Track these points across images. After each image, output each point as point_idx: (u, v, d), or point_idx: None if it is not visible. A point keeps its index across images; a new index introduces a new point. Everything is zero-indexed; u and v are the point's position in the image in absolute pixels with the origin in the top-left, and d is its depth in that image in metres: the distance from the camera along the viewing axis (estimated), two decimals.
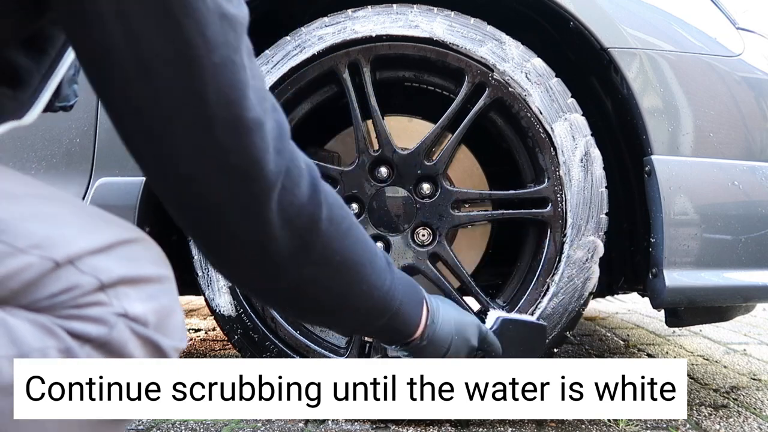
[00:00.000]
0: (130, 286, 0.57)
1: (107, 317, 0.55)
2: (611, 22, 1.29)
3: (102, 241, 0.58)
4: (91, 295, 0.55)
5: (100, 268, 0.56)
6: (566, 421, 1.39)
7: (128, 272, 0.57)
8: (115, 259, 0.57)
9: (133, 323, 0.57)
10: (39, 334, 0.54)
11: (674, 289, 1.24)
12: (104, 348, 0.56)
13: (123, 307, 0.56)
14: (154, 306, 0.58)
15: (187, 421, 1.35)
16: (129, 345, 0.56)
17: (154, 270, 0.61)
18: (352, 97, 1.34)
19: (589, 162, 1.29)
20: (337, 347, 1.40)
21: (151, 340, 0.58)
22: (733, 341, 2.44)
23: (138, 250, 0.61)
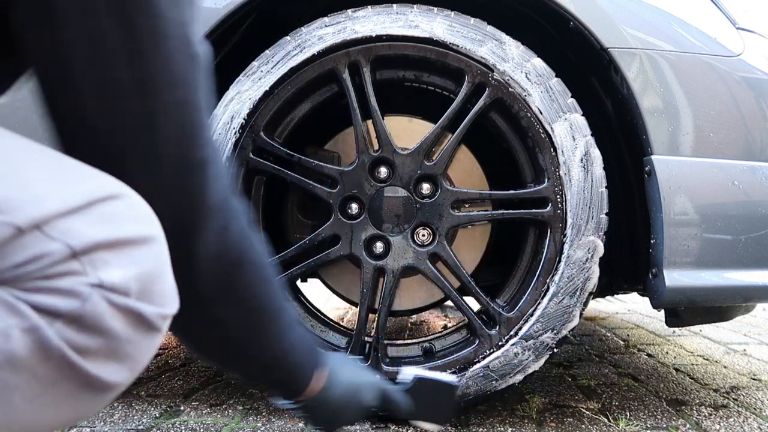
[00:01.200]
0: (108, 251, 0.51)
1: (79, 289, 0.49)
2: (611, 22, 1.29)
3: (75, 199, 0.51)
4: (61, 264, 0.49)
5: (71, 232, 0.49)
6: (566, 420, 1.39)
7: (106, 235, 0.51)
8: (90, 221, 0.51)
9: (111, 293, 0.51)
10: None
11: (674, 289, 1.24)
12: (77, 323, 0.50)
13: (98, 277, 0.50)
14: (137, 271, 0.52)
15: (187, 421, 1.36)
16: (105, 318, 0.51)
17: (138, 230, 0.54)
18: (352, 97, 1.34)
19: (589, 162, 1.29)
20: (336, 347, 1.40)
21: (132, 310, 0.52)
22: (733, 341, 2.44)
23: (119, 207, 0.54)
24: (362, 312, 1.37)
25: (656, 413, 1.45)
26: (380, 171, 1.36)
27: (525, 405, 1.49)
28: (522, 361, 1.31)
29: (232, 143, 1.34)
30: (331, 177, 1.37)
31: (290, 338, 0.80)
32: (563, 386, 1.69)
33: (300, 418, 0.95)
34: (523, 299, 1.33)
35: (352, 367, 0.97)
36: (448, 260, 1.35)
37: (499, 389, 1.32)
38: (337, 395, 0.89)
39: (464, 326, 1.45)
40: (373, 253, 1.37)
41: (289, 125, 1.42)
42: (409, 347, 1.45)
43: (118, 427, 1.32)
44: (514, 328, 1.32)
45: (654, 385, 1.71)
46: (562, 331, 1.31)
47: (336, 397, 0.89)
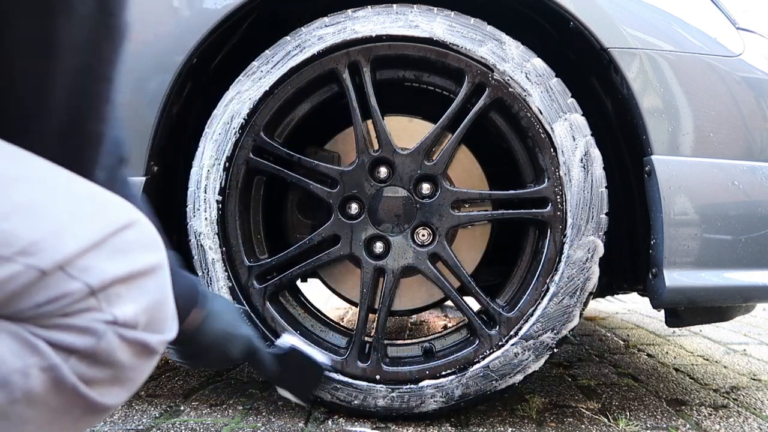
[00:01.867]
0: (122, 285, 0.54)
1: (96, 327, 0.52)
2: (611, 22, 1.29)
3: (93, 234, 0.53)
4: (80, 302, 0.52)
5: (90, 270, 0.52)
6: (566, 420, 1.39)
7: (121, 271, 0.54)
8: (106, 256, 0.54)
9: (123, 329, 0.54)
10: (20, 351, 0.50)
11: (674, 289, 1.24)
12: (90, 358, 0.53)
13: (113, 314, 0.53)
14: (146, 303, 0.56)
15: (187, 421, 1.36)
16: (117, 352, 0.54)
17: (148, 260, 0.57)
18: (352, 97, 1.34)
19: (589, 162, 1.29)
20: (336, 347, 1.40)
21: (139, 342, 0.56)
22: (733, 341, 2.44)
23: (131, 236, 0.56)
24: (362, 312, 1.37)
25: (656, 413, 1.45)
26: (380, 171, 1.36)
27: (525, 405, 1.49)
28: (522, 361, 1.31)
29: (232, 143, 1.34)
30: (331, 177, 1.37)
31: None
32: (563, 386, 1.69)
33: (167, 350, 0.98)
34: (523, 299, 1.33)
35: (231, 317, 1.00)
36: (448, 260, 1.35)
37: (499, 389, 1.32)
38: (207, 338, 0.93)
39: (464, 326, 1.45)
40: (373, 253, 1.37)
41: (289, 125, 1.42)
42: (409, 347, 1.45)
43: (118, 427, 1.32)
44: (514, 328, 1.32)
45: (654, 385, 1.71)
46: (562, 331, 1.31)
47: (206, 339, 0.93)
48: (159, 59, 1.36)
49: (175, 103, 1.38)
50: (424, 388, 1.33)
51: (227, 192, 1.36)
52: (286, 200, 1.53)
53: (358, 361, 1.35)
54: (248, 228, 1.41)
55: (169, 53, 1.36)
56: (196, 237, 1.35)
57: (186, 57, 1.35)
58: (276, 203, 1.55)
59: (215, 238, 1.34)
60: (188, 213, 1.35)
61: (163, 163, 1.41)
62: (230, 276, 1.35)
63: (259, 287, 1.37)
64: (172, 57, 1.35)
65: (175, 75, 1.35)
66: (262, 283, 1.37)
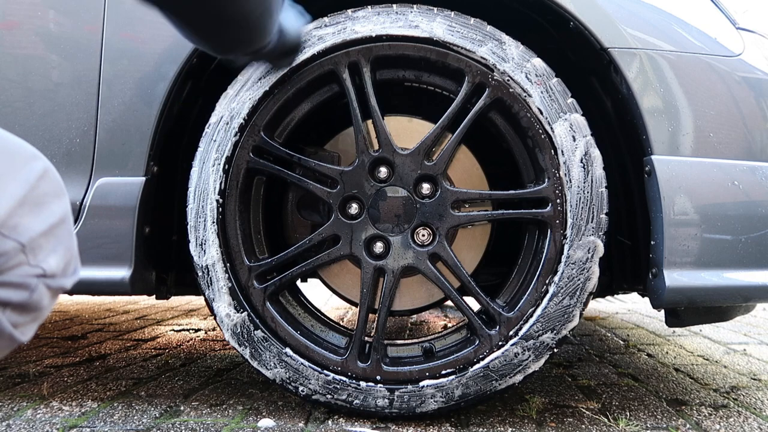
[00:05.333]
0: (44, 238, 0.59)
1: (28, 281, 0.58)
2: (611, 22, 1.29)
3: (16, 193, 0.57)
4: (13, 258, 0.56)
5: (19, 227, 0.57)
6: (566, 420, 1.39)
7: (43, 224, 0.59)
8: (29, 211, 0.58)
9: (49, 279, 0.60)
10: None
11: (674, 289, 1.24)
12: (22, 309, 0.59)
13: (41, 267, 0.59)
14: (63, 251, 0.62)
15: (187, 421, 1.36)
16: (43, 300, 0.61)
17: (60, 208, 0.62)
18: (352, 97, 1.34)
19: (589, 162, 1.29)
20: (336, 347, 1.40)
21: (60, 288, 0.62)
22: (733, 341, 2.44)
23: (45, 186, 0.61)
24: (362, 312, 1.37)
25: (656, 413, 1.45)
26: (380, 171, 1.36)
27: (525, 405, 1.49)
28: (522, 361, 1.31)
29: (231, 143, 1.34)
30: (331, 177, 1.37)
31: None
32: (563, 386, 1.69)
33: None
34: (523, 299, 1.33)
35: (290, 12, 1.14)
36: (448, 260, 1.35)
37: (499, 389, 1.32)
38: (288, 39, 1.09)
39: (464, 326, 1.45)
40: (373, 253, 1.37)
41: (289, 125, 1.42)
42: (409, 347, 1.45)
43: (118, 427, 1.32)
44: (514, 328, 1.32)
45: (654, 385, 1.71)
46: (562, 331, 1.31)
47: (287, 41, 1.09)
48: (159, 59, 1.37)
49: (175, 103, 1.39)
50: (424, 388, 1.33)
51: (227, 192, 1.36)
52: (286, 200, 1.53)
53: (358, 361, 1.35)
54: (248, 228, 1.41)
55: (169, 53, 1.36)
56: (196, 237, 1.35)
57: (186, 57, 1.35)
58: (276, 203, 1.55)
59: (215, 238, 1.34)
60: (188, 213, 1.35)
61: (163, 163, 1.41)
62: (230, 276, 1.35)
63: (259, 287, 1.37)
64: (172, 57, 1.35)
65: (175, 75, 1.35)
66: (262, 283, 1.37)
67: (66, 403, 1.49)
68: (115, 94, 1.38)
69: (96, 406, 1.47)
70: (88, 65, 1.39)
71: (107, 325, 2.75)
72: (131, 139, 1.37)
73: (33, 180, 0.59)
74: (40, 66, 1.41)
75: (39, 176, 0.60)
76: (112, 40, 1.39)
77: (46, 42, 1.40)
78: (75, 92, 1.39)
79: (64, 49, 1.40)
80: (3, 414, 1.41)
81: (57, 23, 1.41)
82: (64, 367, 1.88)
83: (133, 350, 2.16)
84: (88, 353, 2.10)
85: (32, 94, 1.41)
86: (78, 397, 1.55)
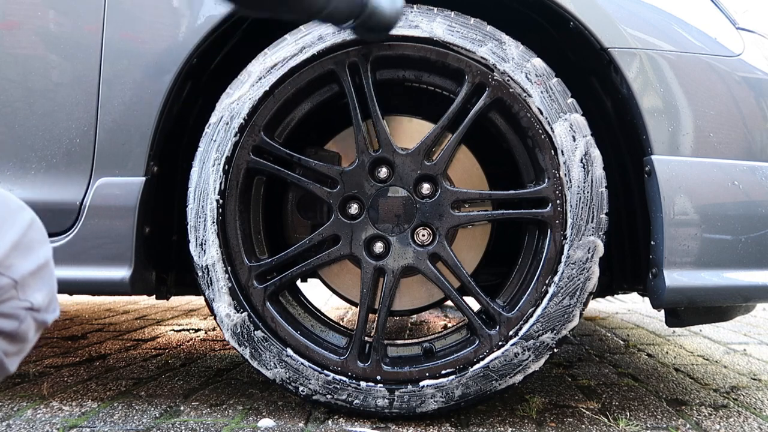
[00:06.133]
0: (32, 277, 0.68)
1: (18, 313, 0.66)
2: (611, 22, 1.29)
3: (11, 238, 0.67)
4: (6, 293, 0.65)
5: (13, 267, 0.66)
6: (566, 420, 1.39)
7: (32, 265, 0.68)
8: (21, 254, 0.67)
9: (36, 313, 0.69)
10: None
11: (674, 289, 1.24)
12: (11, 338, 0.67)
13: (29, 301, 0.67)
14: (48, 290, 0.71)
15: (187, 421, 1.36)
16: (30, 332, 0.69)
17: (45, 252, 0.71)
18: (352, 97, 1.34)
19: (589, 162, 1.29)
20: (336, 347, 1.40)
21: (43, 321, 0.70)
22: (733, 341, 2.44)
23: (32, 234, 0.70)
24: (362, 312, 1.37)
25: (656, 413, 1.45)
26: (380, 171, 1.36)
27: (525, 405, 1.49)
28: (522, 361, 1.31)
29: (231, 143, 1.34)
30: (331, 177, 1.37)
31: None
32: (563, 386, 1.69)
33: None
34: (523, 299, 1.33)
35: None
36: (448, 260, 1.35)
37: (499, 389, 1.32)
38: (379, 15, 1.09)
39: (464, 326, 1.45)
40: (373, 253, 1.37)
41: (289, 125, 1.42)
42: (409, 347, 1.45)
43: (118, 427, 1.32)
44: (514, 328, 1.32)
45: (654, 385, 1.71)
46: (562, 331, 1.31)
47: (379, 16, 1.09)
48: (159, 59, 1.37)
49: (175, 103, 1.39)
50: (424, 388, 1.33)
51: (227, 192, 1.36)
52: (286, 200, 1.53)
53: (358, 361, 1.35)
54: (248, 228, 1.41)
55: (169, 53, 1.36)
56: (196, 237, 1.35)
57: (186, 57, 1.35)
58: (276, 203, 1.55)
59: (215, 239, 1.34)
60: (188, 213, 1.35)
61: (163, 163, 1.41)
62: (230, 276, 1.35)
63: (260, 287, 1.37)
64: (172, 57, 1.35)
65: (175, 75, 1.35)
66: (262, 283, 1.37)
67: (66, 403, 1.49)
68: (115, 94, 1.38)
69: (96, 406, 1.47)
70: (88, 65, 1.39)
71: (107, 325, 2.75)
72: (131, 139, 1.37)
73: (24, 227, 0.69)
74: (40, 66, 1.41)
75: (28, 225, 0.69)
76: (112, 40, 1.39)
77: (46, 42, 1.40)
78: (75, 92, 1.39)
79: (64, 49, 1.40)
80: (3, 414, 1.41)
81: (57, 23, 1.41)
82: (64, 367, 1.88)
83: (133, 350, 2.16)
84: (88, 353, 2.10)
85: (32, 94, 1.41)
86: (78, 397, 1.55)
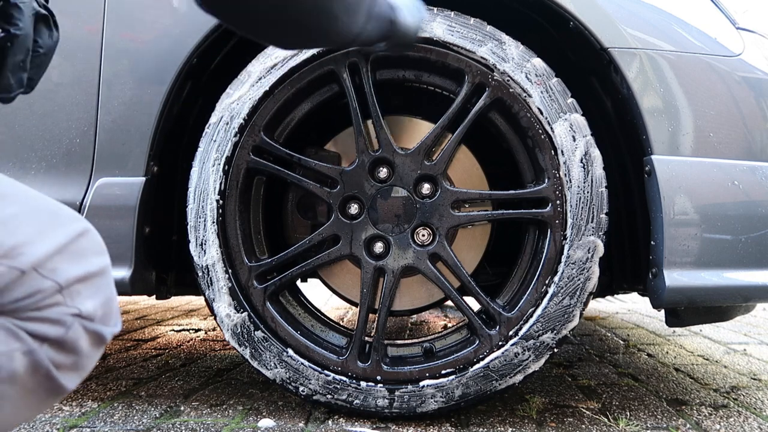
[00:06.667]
0: (81, 284, 0.65)
1: (65, 319, 0.63)
2: (611, 22, 1.29)
3: (57, 241, 0.65)
4: (50, 297, 0.62)
5: (58, 270, 0.63)
6: (566, 420, 1.39)
7: (80, 271, 0.65)
8: (68, 259, 0.65)
9: (85, 321, 0.65)
10: (5, 338, 0.60)
11: (674, 289, 1.24)
12: (59, 345, 0.63)
13: (77, 308, 0.64)
14: (101, 300, 0.67)
15: (187, 421, 1.36)
16: (80, 341, 0.65)
17: (99, 262, 0.68)
18: (352, 97, 1.34)
19: (589, 162, 1.29)
20: (336, 347, 1.40)
21: (96, 332, 0.67)
22: (733, 341, 2.44)
23: (85, 243, 0.68)
24: (362, 312, 1.37)
25: (656, 413, 1.45)
26: (380, 171, 1.36)
27: (525, 405, 1.49)
28: (522, 361, 1.31)
29: (231, 143, 1.34)
30: (331, 177, 1.37)
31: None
32: (563, 386, 1.69)
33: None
34: (523, 299, 1.33)
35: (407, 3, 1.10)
36: (448, 260, 1.35)
37: (499, 389, 1.32)
38: (402, 33, 1.04)
39: (464, 326, 1.45)
40: (373, 253, 1.37)
41: (289, 125, 1.42)
42: (409, 347, 1.45)
43: (118, 427, 1.32)
44: (514, 328, 1.32)
45: (654, 385, 1.71)
46: (563, 331, 1.31)
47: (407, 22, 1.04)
48: (159, 59, 1.37)
49: (175, 103, 1.38)
50: (424, 388, 1.33)
51: (227, 192, 1.36)
52: (286, 200, 1.53)
53: (359, 361, 1.35)
54: (248, 228, 1.41)
55: (169, 53, 1.36)
56: (196, 237, 1.35)
57: (186, 57, 1.35)
58: (276, 203, 1.55)
59: (215, 239, 1.34)
60: (188, 213, 1.35)
61: (163, 163, 1.41)
62: (230, 276, 1.35)
63: (260, 287, 1.37)
64: (172, 57, 1.35)
65: (175, 75, 1.35)
66: (262, 283, 1.37)
67: (66, 403, 1.49)
68: (115, 94, 1.38)
69: (96, 406, 1.47)
70: (88, 65, 1.39)
71: None
72: (131, 139, 1.37)
73: (73, 235, 0.66)
74: None
75: (79, 233, 0.67)
76: (112, 40, 1.39)
77: None
78: (75, 92, 1.39)
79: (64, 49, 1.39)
80: None
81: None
82: None
83: (133, 350, 2.16)
84: None
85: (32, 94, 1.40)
86: (78, 397, 1.55)
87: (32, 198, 0.68)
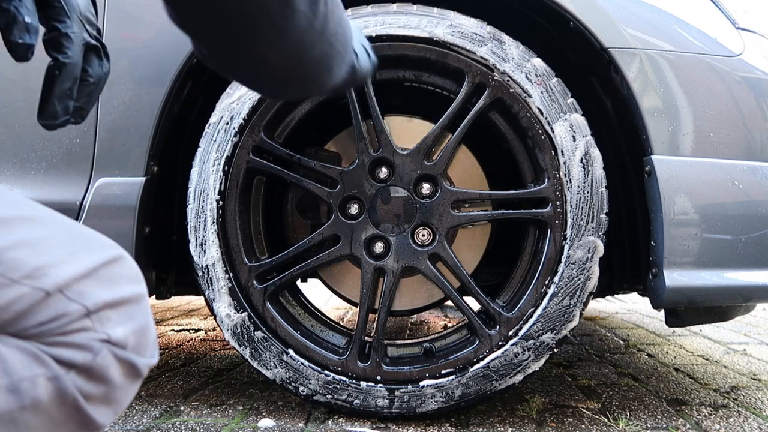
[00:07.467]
0: (112, 310, 0.61)
1: (92, 344, 0.59)
2: (611, 22, 1.29)
3: (86, 264, 0.61)
4: (77, 321, 0.58)
5: (86, 294, 0.59)
6: (566, 420, 1.39)
7: (110, 296, 0.61)
8: (98, 284, 0.61)
9: (115, 348, 0.60)
10: (28, 362, 0.56)
11: (674, 289, 1.24)
12: (87, 373, 0.59)
13: (106, 333, 0.60)
14: (133, 327, 0.63)
15: (187, 421, 1.36)
16: (110, 369, 0.60)
17: (132, 289, 0.64)
18: (352, 97, 1.34)
19: (589, 162, 1.29)
20: (336, 347, 1.40)
21: (129, 361, 0.62)
22: (733, 341, 2.44)
23: (118, 269, 0.64)
24: (362, 312, 1.37)
25: (656, 413, 1.45)
26: (380, 171, 1.36)
27: (525, 405, 1.49)
28: (522, 361, 1.31)
29: (231, 143, 1.34)
30: (331, 177, 1.37)
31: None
32: (563, 386, 1.69)
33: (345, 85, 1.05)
34: (523, 299, 1.33)
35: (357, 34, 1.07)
36: (448, 260, 1.35)
37: (499, 389, 1.32)
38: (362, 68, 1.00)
39: (464, 326, 1.45)
40: (373, 253, 1.37)
41: (289, 125, 1.42)
42: (409, 347, 1.45)
43: (118, 427, 1.32)
44: (514, 328, 1.32)
45: (654, 385, 1.71)
46: (563, 331, 1.31)
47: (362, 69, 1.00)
48: (159, 59, 1.37)
49: (175, 103, 1.38)
50: (424, 388, 1.33)
51: (227, 192, 1.36)
52: (286, 200, 1.53)
53: (358, 362, 1.35)
54: (248, 228, 1.41)
55: (169, 53, 1.36)
56: (196, 237, 1.35)
57: (186, 57, 1.35)
58: (276, 203, 1.55)
59: (215, 239, 1.34)
60: (188, 213, 1.35)
61: (163, 163, 1.41)
62: (230, 276, 1.35)
63: (260, 287, 1.37)
64: (172, 57, 1.35)
65: (175, 75, 1.35)
66: (262, 283, 1.37)
67: None
68: (115, 94, 1.38)
69: None
70: None
71: None
72: (131, 139, 1.37)
73: (105, 260, 0.63)
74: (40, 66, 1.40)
75: (112, 259, 0.64)
76: (112, 40, 1.39)
77: None
78: None
79: None
80: None
81: None
82: None
83: None
84: None
85: (32, 94, 1.41)
86: None
87: (67, 225, 0.66)
